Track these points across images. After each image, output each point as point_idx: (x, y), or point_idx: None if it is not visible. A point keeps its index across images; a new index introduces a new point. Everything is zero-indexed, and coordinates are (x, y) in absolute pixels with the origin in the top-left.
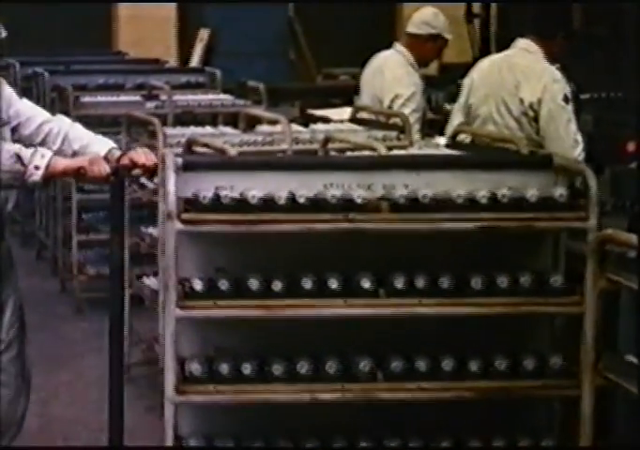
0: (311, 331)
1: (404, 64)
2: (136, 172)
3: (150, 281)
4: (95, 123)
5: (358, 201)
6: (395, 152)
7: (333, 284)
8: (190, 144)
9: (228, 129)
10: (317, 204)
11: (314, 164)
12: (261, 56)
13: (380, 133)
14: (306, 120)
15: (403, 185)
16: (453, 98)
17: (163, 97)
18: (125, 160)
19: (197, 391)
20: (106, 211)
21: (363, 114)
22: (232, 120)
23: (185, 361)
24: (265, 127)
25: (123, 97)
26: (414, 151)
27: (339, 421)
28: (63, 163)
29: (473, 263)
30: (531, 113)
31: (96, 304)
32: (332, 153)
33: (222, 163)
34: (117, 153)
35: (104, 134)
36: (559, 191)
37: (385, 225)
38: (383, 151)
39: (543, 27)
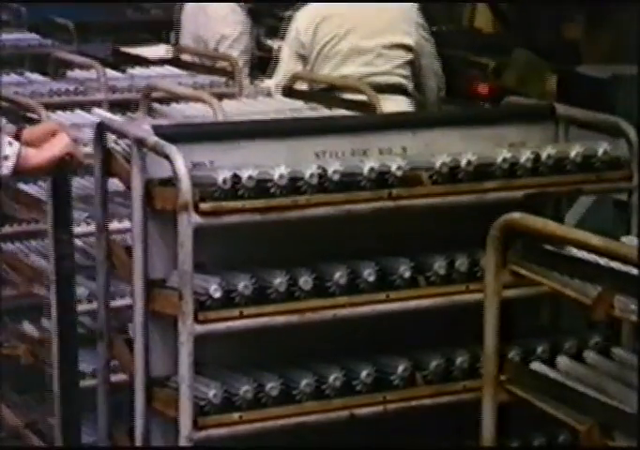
0: (336, 334)
1: None
2: None
3: None
4: None
5: (398, 173)
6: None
7: (370, 276)
8: None
9: (37, 76)
10: (354, 181)
11: (302, 129)
12: None
13: (207, 79)
14: (120, 60)
15: (400, 147)
16: (275, 33)
17: None
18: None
19: (219, 423)
20: None
21: (186, 56)
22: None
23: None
24: (77, 73)
25: None
26: (247, 100)
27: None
28: (44, 153)
29: None
30: (402, 53)
31: None
32: (155, 104)
33: (195, 133)
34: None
35: None
36: (602, 148)
37: (428, 200)
38: (214, 103)
39: None
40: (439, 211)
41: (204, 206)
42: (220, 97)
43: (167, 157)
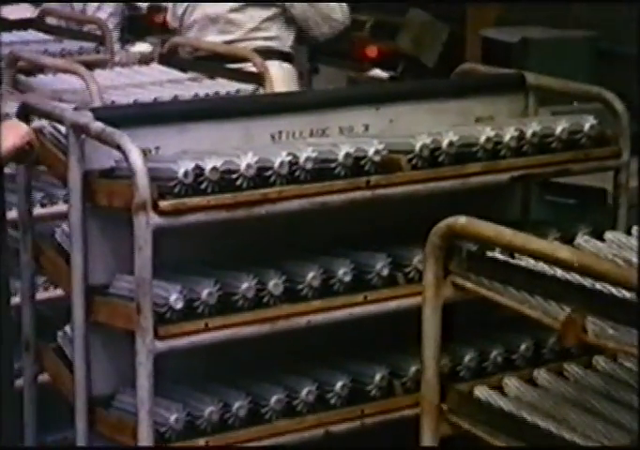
0: (307, 341)
1: None
2: None
3: None
4: None
5: (376, 158)
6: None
7: (346, 276)
8: None
9: None
10: (328, 168)
11: (255, 109)
12: None
13: (75, 45)
14: None
15: (362, 125)
16: None
17: None
18: None
19: None
20: None
21: (51, 19)
22: None
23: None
24: None
25: None
26: (122, 70)
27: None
28: (4, 143)
29: None
30: (256, 13)
31: None
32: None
33: (137, 116)
34: None
35: None
36: (589, 122)
37: (408, 188)
38: (87, 74)
39: None
40: (418, 198)
41: (164, 205)
42: (91, 65)
43: (118, 146)
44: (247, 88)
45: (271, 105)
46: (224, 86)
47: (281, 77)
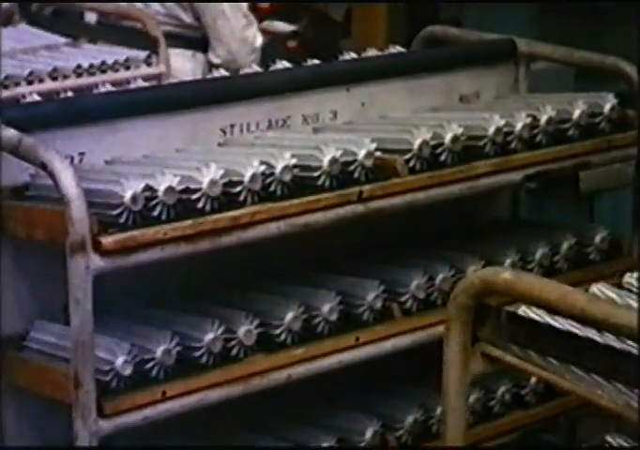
0: (287, 393)
1: None
2: None
3: None
4: None
5: (367, 162)
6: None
7: (332, 313)
8: None
9: None
10: (309, 178)
11: (199, 98)
12: None
13: None
14: None
15: (330, 111)
16: None
17: None
18: None
19: None
20: None
21: None
22: None
23: None
24: None
25: None
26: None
27: None
28: None
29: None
30: None
31: None
32: None
33: (53, 116)
34: None
35: None
36: (609, 103)
37: (405, 197)
38: None
39: None
40: (415, 207)
41: (107, 242)
42: None
43: (42, 164)
44: (138, 55)
45: (219, 92)
46: (110, 53)
47: (191, 71)
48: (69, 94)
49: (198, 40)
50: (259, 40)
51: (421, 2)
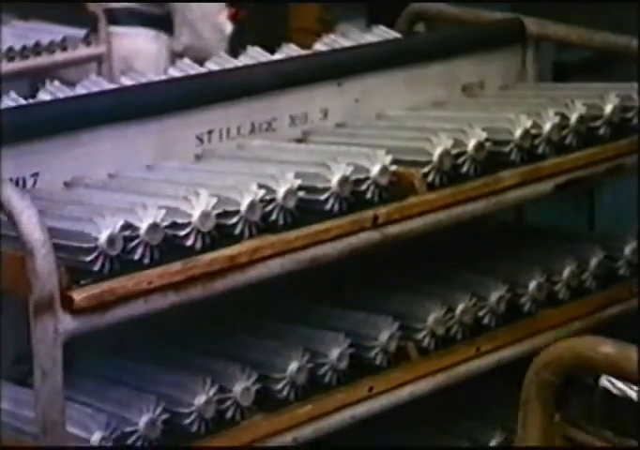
0: None
1: None
2: None
3: None
4: None
5: (382, 180)
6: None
7: (342, 361)
8: None
9: None
10: (316, 201)
11: (171, 100)
12: None
13: None
14: None
15: (320, 111)
16: None
17: None
18: None
19: None
20: None
21: None
22: None
23: None
24: None
25: None
26: None
27: None
28: None
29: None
30: None
31: None
32: None
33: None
34: None
35: None
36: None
37: (425, 219)
38: None
39: None
40: (436, 229)
41: (80, 298)
42: None
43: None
44: (77, 34)
45: (193, 92)
46: (46, 32)
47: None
48: None
49: (162, 19)
50: (229, 28)
51: None
